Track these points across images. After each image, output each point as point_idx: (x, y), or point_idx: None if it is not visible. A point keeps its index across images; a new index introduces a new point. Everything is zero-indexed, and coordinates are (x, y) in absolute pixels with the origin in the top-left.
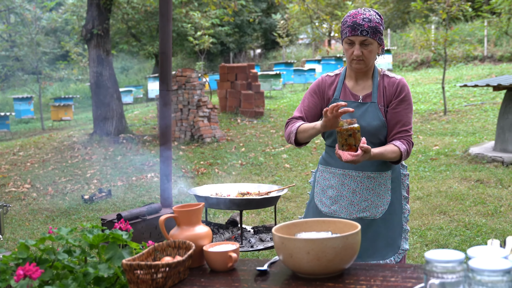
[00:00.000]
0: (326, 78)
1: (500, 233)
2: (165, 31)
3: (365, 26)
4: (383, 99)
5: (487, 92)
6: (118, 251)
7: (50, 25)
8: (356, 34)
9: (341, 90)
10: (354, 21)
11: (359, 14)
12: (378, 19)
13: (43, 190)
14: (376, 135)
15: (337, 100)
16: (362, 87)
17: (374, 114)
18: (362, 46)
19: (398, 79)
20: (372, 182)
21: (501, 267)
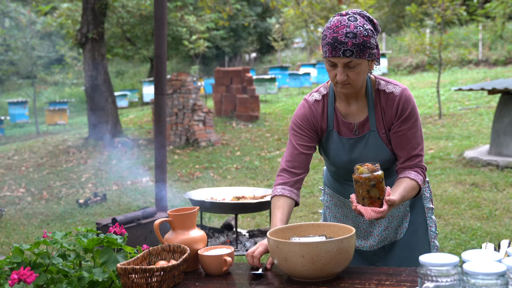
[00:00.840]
0: (314, 106)
1: (495, 237)
2: (160, 35)
3: (348, 44)
4: (383, 124)
5: (482, 96)
6: (112, 255)
7: (45, 29)
8: (338, 55)
9: (333, 117)
10: (334, 38)
11: (341, 26)
12: (367, 30)
13: (38, 194)
14: (386, 168)
15: (332, 132)
16: (355, 110)
17: (377, 146)
18: (346, 68)
19: (398, 93)
20: None
21: (495, 270)
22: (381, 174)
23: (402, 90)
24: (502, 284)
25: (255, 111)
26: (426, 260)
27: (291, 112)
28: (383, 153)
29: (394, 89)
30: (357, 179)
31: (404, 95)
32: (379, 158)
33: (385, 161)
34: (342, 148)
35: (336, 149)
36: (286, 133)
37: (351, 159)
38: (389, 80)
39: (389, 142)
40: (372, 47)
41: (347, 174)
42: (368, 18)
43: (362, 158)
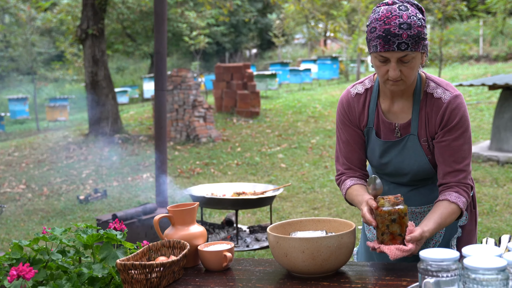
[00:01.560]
0: (355, 100)
1: (495, 232)
2: (160, 31)
3: (403, 36)
4: (425, 131)
5: (483, 92)
6: (112, 251)
7: (45, 25)
8: (391, 49)
9: (374, 114)
10: (386, 30)
11: (392, 17)
12: (420, 20)
13: (38, 190)
14: (422, 180)
15: (371, 129)
16: (399, 109)
17: (416, 152)
18: (400, 63)
19: (447, 100)
20: (419, 218)
21: (495, 265)
22: (404, 208)
23: (451, 97)
24: (502, 279)
25: (255, 107)
26: (426, 255)
27: (292, 108)
28: (421, 160)
29: (443, 94)
30: (377, 212)
31: (452, 103)
32: (415, 165)
33: (422, 170)
34: (377, 150)
35: (372, 149)
36: (287, 129)
37: (383, 162)
38: (440, 83)
39: (429, 151)
40: (426, 38)
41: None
42: (417, 6)
43: (395, 162)
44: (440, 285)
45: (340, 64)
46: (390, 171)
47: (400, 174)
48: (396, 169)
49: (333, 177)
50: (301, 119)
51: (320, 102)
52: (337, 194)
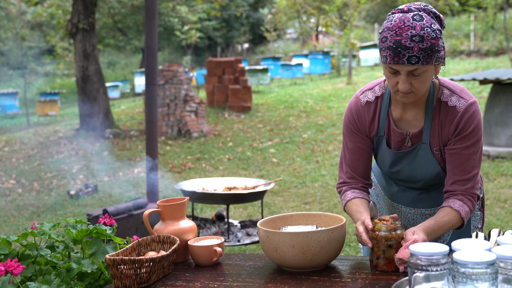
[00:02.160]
0: (365, 109)
1: (486, 226)
2: (151, 25)
3: (414, 49)
4: (438, 139)
5: (474, 86)
6: (102, 246)
7: (35, 19)
8: (401, 62)
9: (385, 122)
10: (397, 42)
11: (405, 28)
12: (435, 31)
13: (28, 185)
14: (431, 185)
15: (382, 138)
16: (411, 118)
17: (427, 161)
18: (410, 76)
19: (462, 109)
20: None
21: (484, 259)
22: (401, 233)
23: (467, 105)
24: (491, 273)
25: (247, 101)
26: (416, 249)
27: (284, 103)
28: (433, 169)
29: (458, 102)
30: (373, 236)
31: (468, 111)
32: (428, 173)
33: (433, 176)
34: (388, 159)
35: (382, 157)
36: (278, 124)
37: (394, 171)
38: (455, 90)
39: (442, 159)
40: (440, 49)
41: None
42: (434, 14)
43: (406, 171)
44: (429, 279)
45: (332, 59)
46: (401, 177)
47: (412, 181)
48: (407, 177)
49: (324, 172)
50: (293, 113)
51: (311, 97)
52: (328, 188)
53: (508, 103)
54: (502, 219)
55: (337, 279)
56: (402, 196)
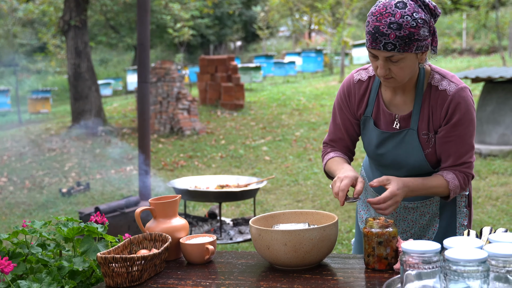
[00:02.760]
0: (356, 86)
1: (477, 224)
2: (143, 22)
3: (390, 36)
4: (428, 124)
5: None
6: (93, 244)
7: (27, 17)
8: (378, 48)
9: (374, 103)
10: (376, 27)
11: (385, 14)
12: (415, 20)
13: (20, 183)
14: (417, 175)
15: (369, 118)
16: (401, 102)
17: (413, 147)
18: (388, 62)
19: (452, 92)
20: (411, 213)
21: (476, 257)
22: (393, 231)
23: (457, 89)
24: (483, 270)
25: (240, 99)
26: (408, 247)
27: (276, 101)
28: (417, 155)
29: (449, 86)
30: (365, 233)
31: (458, 96)
32: (410, 160)
33: (417, 164)
34: (374, 139)
35: (369, 138)
36: (271, 122)
37: (379, 153)
38: (446, 75)
39: (428, 145)
40: (422, 38)
41: (376, 165)
42: (423, 3)
43: (391, 155)
44: (421, 277)
45: (325, 57)
46: (386, 163)
47: (396, 167)
48: (392, 162)
49: (317, 170)
50: (286, 111)
51: (304, 94)
52: (321, 186)
53: (499, 101)
54: (493, 217)
55: (329, 277)
56: None
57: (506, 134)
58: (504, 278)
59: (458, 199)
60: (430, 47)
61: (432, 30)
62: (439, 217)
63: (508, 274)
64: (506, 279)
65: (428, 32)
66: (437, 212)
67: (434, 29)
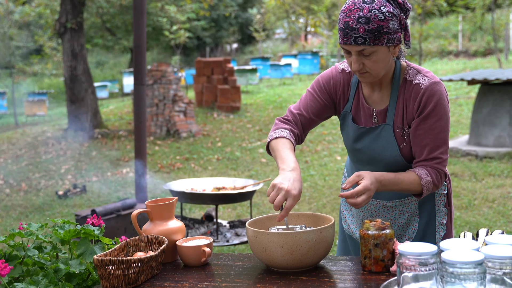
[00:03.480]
0: (340, 75)
1: (474, 226)
2: (139, 25)
3: (360, 30)
4: (402, 118)
5: (462, 87)
6: (89, 246)
7: (23, 19)
8: (349, 42)
9: (353, 99)
10: (345, 23)
11: (354, 10)
12: (383, 13)
13: (16, 186)
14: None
15: (348, 114)
16: (378, 96)
17: (388, 142)
18: (361, 56)
19: (425, 85)
20: (390, 211)
21: (472, 259)
22: (389, 233)
23: (430, 83)
24: (479, 272)
25: (236, 102)
26: (404, 249)
27: (273, 103)
28: (392, 150)
29: (422, 80)
30: (361, 235)
31: (431, 89)
32: (386, 155)
33: (392, 159)
34: (351, 135)
35: (347, 133)
36: (268, 124)
37: (357, 148)
38: (421, 70)
39: (403, 139)
40: (392, 31)
41: (354, 161)
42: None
43: (368, 150)
44: (418, 279)
45: (321, 59)
46: (363, 158)
47: (373, 162)
48: (368, 157)
49: (313, 172)
50: (282, 114)
51: (300, 97)
52: (317, 189)
53: (496, 103)
54: (490, 219)
55: (326, 279)
56: None
57: (502, 136)
58: (500, 280)
59: (437, 198)
60: (403, 41)
61: (403, 24)
62: (418, 216)
63: (505, 276)
64: (502, 281)
65: (399, 26)
66: (416, 211)
67: (406, 24)
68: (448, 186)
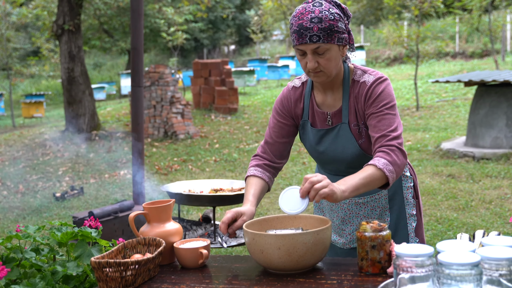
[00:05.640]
0: (291, 93)
1: (471, 227)
2: (137, 26)
3: (314, 29)
4: (355, 116)
5: (459, 88)
6: (87, 248)
7: (21, 21)
8: (304, 42)
9: (309, 107)
10: (299, 25)
11: (306, 13)
12: (333, 14)
13: (13, 188)
14: (356, 167)
15: (306, 122)
16: (331, 100)
17: (347, 139)
18: (316, 55)
19: (370, 82)
20: (362, 208)
21: (469, 260)
22: (387, 235)
23: (376, 78)
24: (476, 274)
25: (234, 103)
26: (401, 251)
27: (270, 105)
28: (352, 147)
29: (368, 78)
30: (358, 237)
31: (376, 83)
32: (348, 152)
33: (354, 155)
34: (312, 139)
35: (308, 139)
36: (265, 126)
37: (320, 151)
38: (367, 70)
39: (360, 135)
40: (341, 31)
41: (321, 164)
42: (335, 3)
43: (330, 151)
44: (415, 280)
45: None
46: (327, 159)
47: (336, 161)
48: (332, 157)
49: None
50: None
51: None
52: None
53: (492, 104)
54: (487, 220)
55: (323, 281)
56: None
57: (499, 137)
58: (497, 281)
59: (405, 191)
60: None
61: (347, 28)
62: (389, 210)
63: (501, 278)
64: (499, 283)
65: (345, 28)
66: (387, 206)
67: (349, 29)
68: (414, 178)
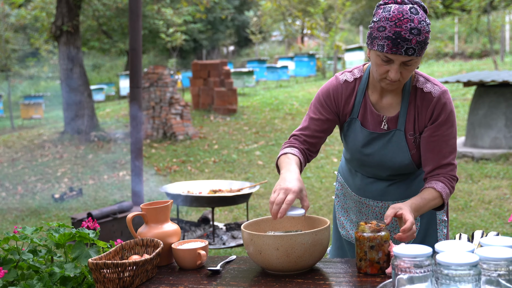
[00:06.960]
0: (342, 86)
1: (470, 227)
2: (135, 27)
3: (412, 42)
4: (414, 125)
5: (458, 89)
6: (85, 250)
7: (19, 22)
8: (399, 53)
9: (360, 105)
10: (397, 33)
11: (404, 20)
12: (428, 25)
13: (12, 189)
14: (402, 173)
15: (355, 120)
16: (388, 104)
17: (399, 148)
18: (402, 66)
19: (436, 94)
20: None
21: (467, 260)
22: (385, 235)
23: (441, 91)
24: (474, 274)
25: (233, 104)
26: (400, 251)
27: (269, 105)
28: (403, 156)
29: (433, 89)
30: (357, 237)
31: (442, 97)
32: (397, 160)
33: (402, 164)
34: (360, 140)
35: (354, 139)
36: (264, 126)
37: (366, 153)
38: (428, 78)
39: (414, 145)
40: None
41: (360, 166)
42: (423, 8)
43: (378, 155)
44: (413, 281)
45: (317, 61)
46: (372, 163)
47: (381, 167)
48: (378, 162)
49: (310, 174)
50: (278, 116)
51: (297, 99)
52: (314, 191)
53: (491, 105)
54: (486, 220)
55: (322, 282)
56: (369, 189)
57: (498, 137)
58: (495, 281)
59: None
60: None
61: None
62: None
63: (500, 278)
64: (497, 283)
65: None
66: None
67: None
68: None
